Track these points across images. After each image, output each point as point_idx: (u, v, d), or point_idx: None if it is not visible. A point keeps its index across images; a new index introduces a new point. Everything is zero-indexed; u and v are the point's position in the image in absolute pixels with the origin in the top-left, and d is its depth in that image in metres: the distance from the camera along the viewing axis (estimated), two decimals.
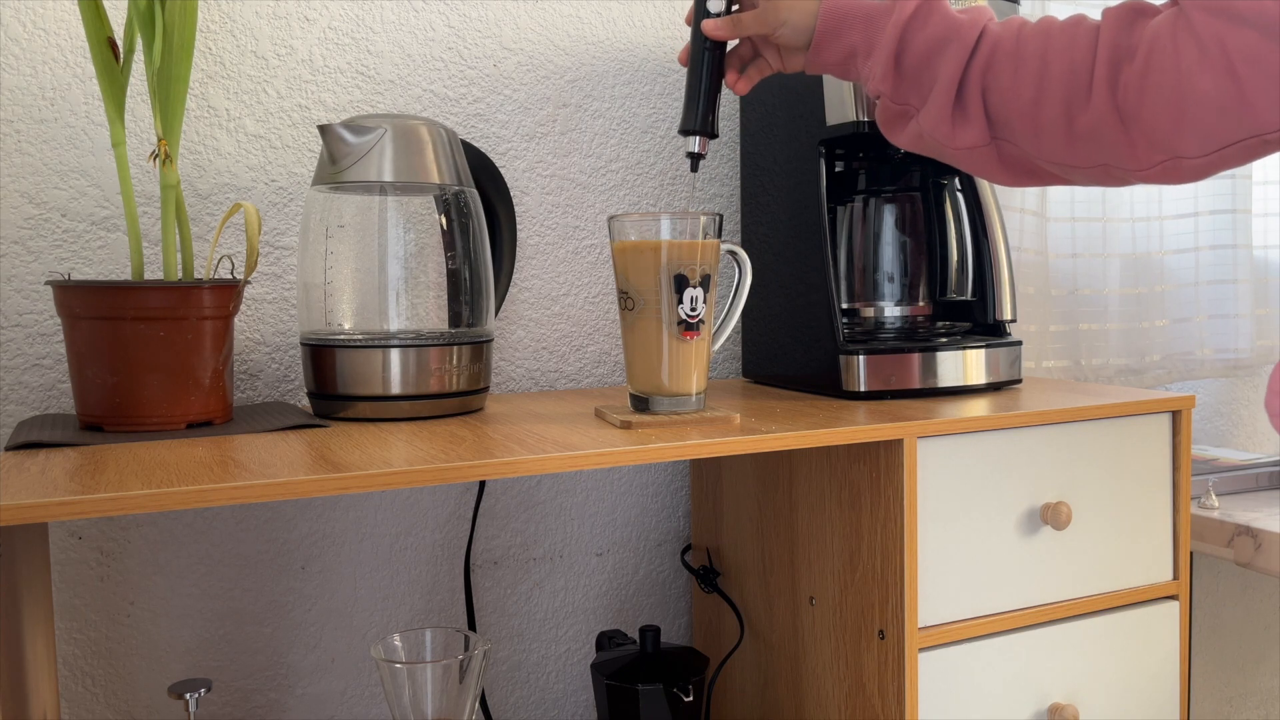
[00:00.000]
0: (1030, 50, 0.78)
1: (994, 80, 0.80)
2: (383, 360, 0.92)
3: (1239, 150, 0.71)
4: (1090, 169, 0.79)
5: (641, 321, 0.89)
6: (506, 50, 1.18)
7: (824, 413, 0.94)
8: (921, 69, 0.82)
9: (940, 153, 0.85)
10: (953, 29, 0.81)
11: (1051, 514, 0.94)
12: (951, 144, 0.83)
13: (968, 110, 0.81)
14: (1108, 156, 0.76)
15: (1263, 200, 1.68)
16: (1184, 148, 0.72)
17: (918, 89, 0.83)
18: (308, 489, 0.67)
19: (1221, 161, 0.72)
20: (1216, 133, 0.70)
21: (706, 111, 0.91)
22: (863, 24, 0.84)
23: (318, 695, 1.11)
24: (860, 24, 0.84)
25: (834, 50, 0.86)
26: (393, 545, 1.14)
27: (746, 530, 1.11)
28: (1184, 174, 0.75)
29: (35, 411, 0.99)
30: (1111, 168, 0.77)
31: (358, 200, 0.98)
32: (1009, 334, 1.10)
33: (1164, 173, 0.75)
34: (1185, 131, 0.71)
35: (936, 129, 0.82)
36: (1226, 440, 1.77)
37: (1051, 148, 0.79)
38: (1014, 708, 0.95)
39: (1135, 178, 0.77)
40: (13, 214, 0.98)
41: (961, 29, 0.81)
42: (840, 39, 0.85)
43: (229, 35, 1.05)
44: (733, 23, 0.90)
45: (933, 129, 0.83)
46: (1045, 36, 0.78)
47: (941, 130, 0.82)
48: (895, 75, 0.83)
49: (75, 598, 1.01)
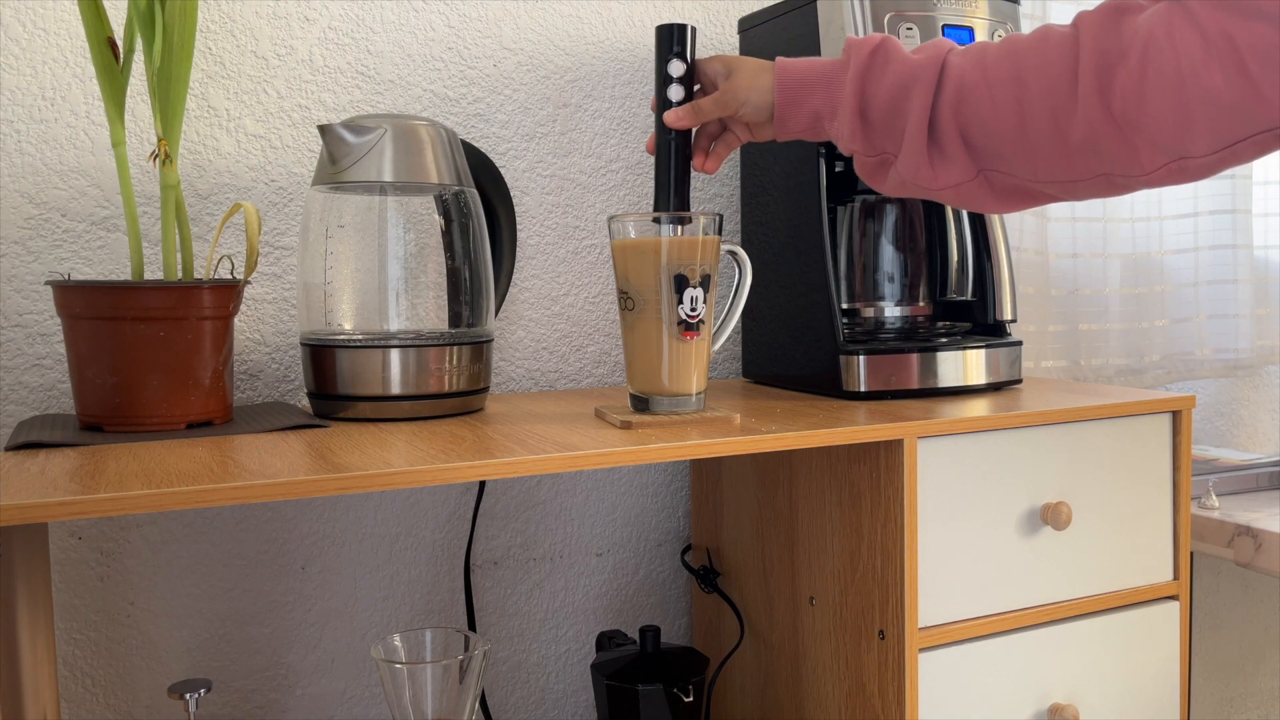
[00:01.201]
0: (1001, 74, 0.77)
1: (971, 113, 0.78)
2: (383, 360, 0.92)
3: (1250, 145, 0.69)
4: (1091, 181, 0.77)
5: (641, 321, 0.89)
6: (506, 50, 1.18)
7: (824, 413, 0.94)
8: (889, 118, 0.81)
9: (927, 194, 0.84)
10: (911, 72, 0.80)
11: (1052, 514, 0.94)
12: (934, 185, 0.82)
13: (945, 148, 0.80)
14: (1108, 165, 0.75)
15: (1263, 200, 1.68)
16: (1191, 147, 0.70)
17: (890, 137, 0.82)
18: (308, 489, 0.67)
19: (1232, 158, 0.70)
20: (1227, 129, 0.68)
21: (679, 200, 0.93)
22: (821, 86, 0.84)
23: (318, 695, 1.11)
24: (819, 87, 0.84)
25: (798, 119, 0.86)
26: (393, 545, 1.14)
27: (746, 530, 1.11)
28: (1191, 174, 0.72)
29: (35, 411, 0.99)
30: (1114, 176, 0.75)
31: (358, 200, 0.98)
32: (1009, 334, 1.10)
33: (1170, 174, 0.73)
34: (1193, 130, 0.69)
35: (917, 173, 0.82)
36: (1226, 440, 1.77)
37: (1048, 167, 0.77)
38: (1014, 708, 0.95)
39: (1140, 183, 0.75)
40: (13, 214, 0.98)
41: (919, 69, 0.80)
42: (801, 106, 0.86)
43: (229, 35, 1.05)
44: (693, 110, 0.90)
45: (913, 174, 0.82)
46: (1014, 57, 0.76)
47: (922, 173, 0.82)
48: (864, 130, 0.83)
49: (75, 598, 1.01)
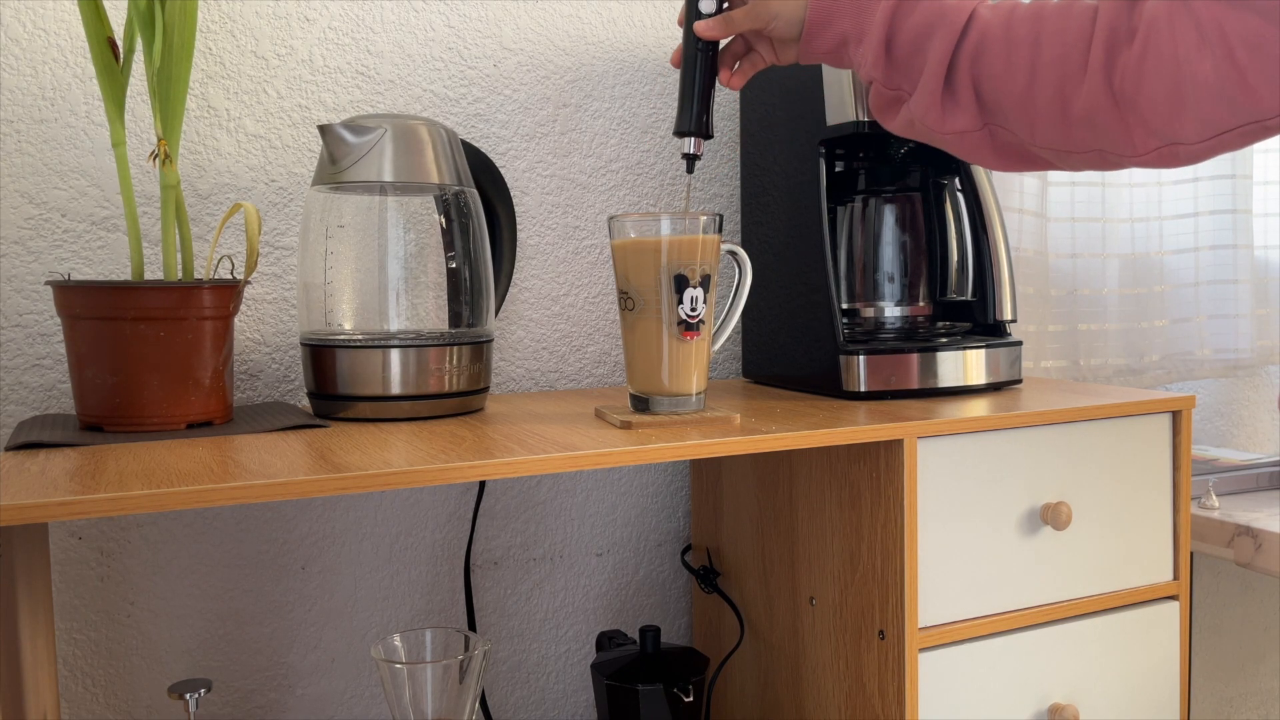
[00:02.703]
0: (1022, 34, 0.78)
1: (986, 66, 0.79)
2: (383, 360, 0.92)
3: (1238, 135, 0.70)
4: (1086, 154, 0.78)
5: (641, 321, 0.89)
6: (506, 50, 1.18)
7: (824, 413, 0.94)
8: (911, 54, 0.82)
9: (931, 138, 0.85)
10: (941, 14, 0.81)
11: (1051, 514, 0.94)
12: (941, 129, 0.83)
13: (958, 95, 0.81)
14: (1103, 142, 0.76)
15: (1263, 200, 1.68)
16: (1182, 133, 0.71)
17: (908, 74, 0.83)
18: (308, 489, 0.67)
19: (1220, 146, 0.71)
20: (1216, 118, 0.69)
21: (701, 112, 0.91)
22: (853, 11, 0.84)
23: (318, 695, 1.11)
24: (850, 12, 0.84)
25: (825, 39, 0.86)
26: (393, 545, 1.14)
27: (746, 530, 1.11)
28: (1181, 159, 0.74)
29: (35, 411, 0.99)
30: (1107, 153, 0.77)
31: (358, 200, 0.98)
32: (1009, 334, 1.10)
33: (1161, 158, 0.74)
34: (1184, 117, 0.70)
35: (927, 114, 0.82)
36: (1226, 440, 1.77)
37: (1046, 133, 0.78)
38: (1014, 708, 0.95)
39: (1131, 163, 0.77)
40: (13, 214, 0.98)
41: (949, 13, 0.80)
42: (831, 27, 0.85)
43: (229, 35, 1.05)
44: (724, 21, 0.90)
45: (923, 114, 0.83)
46: (1037, 20, 0.77)
47: (932, 115, 0.82)
48: (886, 61, 0.83)
49: (75, 598, 1.01)
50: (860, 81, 0.98)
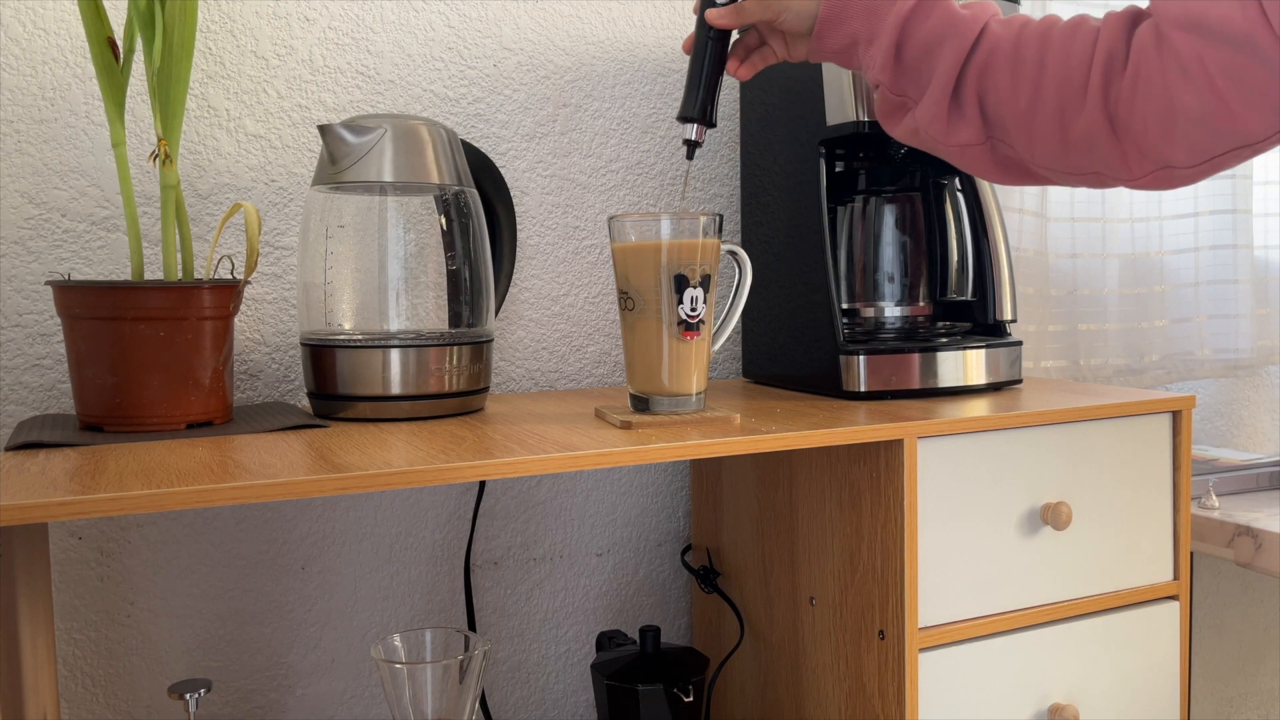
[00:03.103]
0: (1028, 54, 0.78)
1: (991, 82, 0.80)
2: (383, 360, 0.92)
3: (1229, 158, 0.71)
4: (1083, 175, 0.79)
5: (641, 322, 0.89)
6: (506, 50, 1.18)
7: (824, 413, 0.94)
8: (920, 62, 0.82)
9: (934, 148, 0.85)
10: (953, 24, 0.81)
11: (1052, 514, 0.94)
12: (946, 140, 0.83)
13: (964, 108, 0.81)
14: (1100, 165, 0.77)
15: (1263, 200, 1.69)
16: (1174, 158, 0.72)
17: (916, 82, 0.83)
18: (308, 489, 0.67)
19: (1213, 168, 0.73)
20: (1204, 144, 0.71)
21: (706, 100, 0.91)
22: (866, 12, 0.84)
23: (318, 695, 1.11)
24: (863, 12, 0.84)
25: (836, 37, 0.86)
26: (393, 545, 1.14)
27: (746, 530, 1.11)
28: (1176, 181, 0.75)
29: (35, 411, 0.99)
30: (1104, 175, 0.77)
31: (358, 200, 0.98)
32: (1009, 334, 1.10)
33: (1157, 180, 0.75)
34: (1174, 143, 0.71)
35: (931, 125, 0.82)
36: (1226, 440, 1.77)
37: (1045, 154, 0.79)
38: (1014, 708, 0.95)
39: (1127, 185, 0.78)
40: (13, 214, 0.98)
41: (961, 25, 0.81)
42: (843, 26, 0.85)
43: (229, 35, 1.05)
44: (736, 11, 0.90)
45: (928, 124, 0.83)
46: (1044, 40, 0.78)
47: (936, 126, 0.82)
48: (895, 66, 0.83)
49: (75, 598, 1.01)
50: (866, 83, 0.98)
